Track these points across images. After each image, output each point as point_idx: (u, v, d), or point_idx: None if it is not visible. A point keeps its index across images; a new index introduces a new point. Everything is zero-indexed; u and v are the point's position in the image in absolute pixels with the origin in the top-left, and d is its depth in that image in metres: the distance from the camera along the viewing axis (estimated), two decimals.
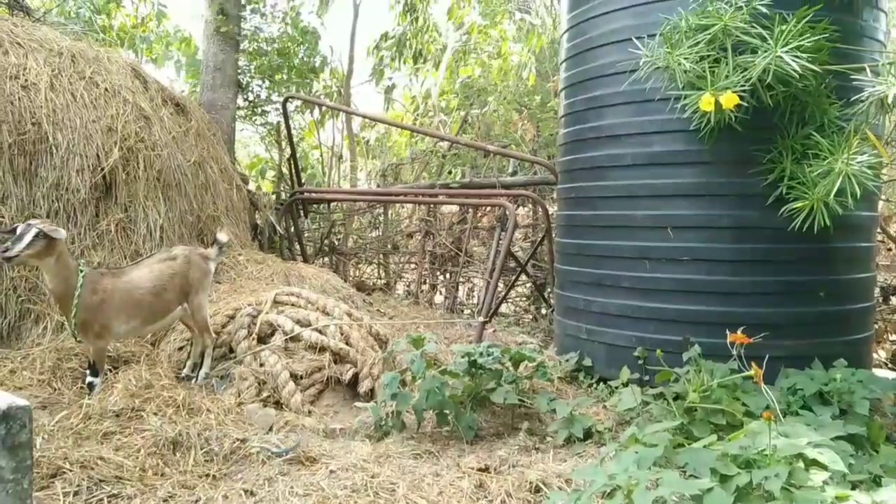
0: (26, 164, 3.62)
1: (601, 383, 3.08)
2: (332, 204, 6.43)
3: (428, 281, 5.94)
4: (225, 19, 5.61)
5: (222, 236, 3.24)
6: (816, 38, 2.36)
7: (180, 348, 3.31)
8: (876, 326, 3.79)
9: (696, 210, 2.90)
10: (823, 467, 1.60)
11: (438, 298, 5.91)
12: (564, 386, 3.19)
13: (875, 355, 3.95)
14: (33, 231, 2.50)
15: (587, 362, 3.21)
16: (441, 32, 8.53)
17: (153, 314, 2.91)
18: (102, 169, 3.80)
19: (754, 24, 2.49)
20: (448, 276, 5.92)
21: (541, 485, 2.08)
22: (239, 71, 6.11)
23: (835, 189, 2.42)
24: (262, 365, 2.98)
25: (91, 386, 2.76)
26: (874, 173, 2.51)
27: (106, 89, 4.07)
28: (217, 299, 3.72)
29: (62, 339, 3.32)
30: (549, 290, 5.04)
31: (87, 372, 2.80)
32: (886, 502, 1.47)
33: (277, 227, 5.65)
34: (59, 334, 3.39)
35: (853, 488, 1.69)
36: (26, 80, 3.77)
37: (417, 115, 8.39)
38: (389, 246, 6.37)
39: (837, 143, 2.53)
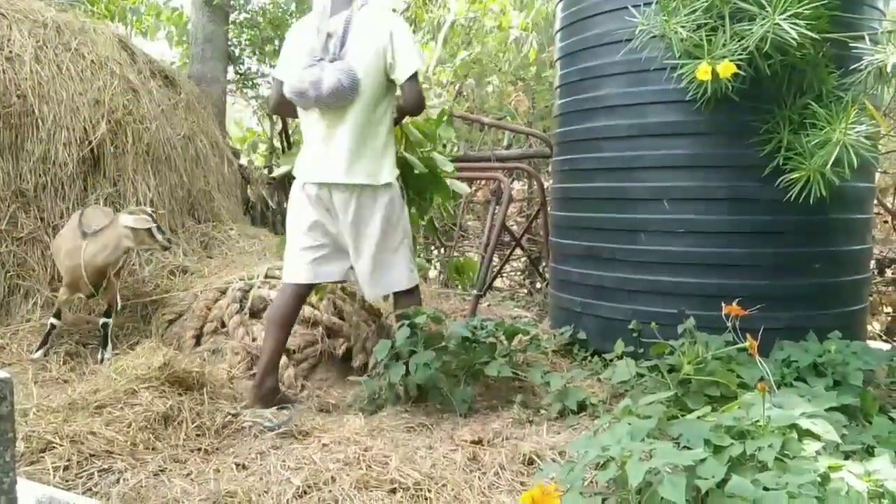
0: (12, 137, 3.57)
1: (596, 356, 3.08)
2: None
3: (422, 255, 5.92)
4: None
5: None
6: (815, 4, 2.31)
7: (171, 322, 3.29)
8: (871, 298, 3.80)
9: (692, 182, 2.87)
10: (817, 438, 1.60)
11: (433, 273, 5.90)
12: (559, 359, 3.18)
13: (869, 327, 3.96)
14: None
15: (582, 335, 3.21)
16: (435, 2, 8.40)
17: None
18: (90, 142, 3.75)
19: None
20: (443, 250, 5.90)
21: (534, 457, 2.07)
22: (230, 43, 6.01)
23: (832, 159, 2.39)
24: (254, 339, 2.97)
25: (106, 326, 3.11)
26: (872, 144, 2.49)
27: (92, 61, 4.00)
28: (209, 274, 3.70)
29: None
30: (543, 263, 5.03)
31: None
32: (879, 471, 1.46)
33: (269, 202, 5.61)
34: (50, 310, 3.36)
35: (846, 458, 1.69)
36: (10, 52, 3.69)
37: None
38: None
39: (835, 113, 2.49)
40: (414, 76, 2.48)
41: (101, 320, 3.10)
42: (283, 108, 2.68)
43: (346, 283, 3.34)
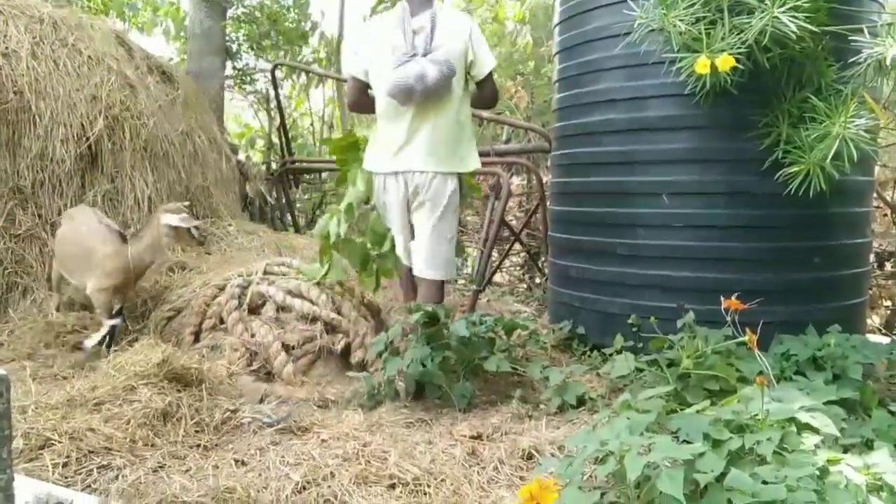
0: (9, 133, 3.56)
1: (595, 351, 3.07)
2: (324, 174, 6.37)
3: None
4: None
5: None
6: None
7: (169, 318, 3.28)
8: (870, 292, 3.79)
9: (691, 176, 2.87)
10: (816, 431, 1.59)
11: None
12: (558, 354, 3.18)
13: (869, 321, 3.96)
14: None
15: (581, 330, 3.20)
16: None
17: None
18: (87, 139, 3.74)
19: None
20: None
21: (533, 451, 2.07)
22: (227, 38, 5.99)
23: (831, 153, 2.38)
24: (253, 336, 2.96)
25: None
26: (871, 137, 2.48)
27: (89, 57, 3.99)
28: (207, 270, 3.70)
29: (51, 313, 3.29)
30: (542, 258, 5.03)
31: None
32: (878, 465, 1.46)
33: (268, 198, 5.61)
34: (47, 307, 3.36)
35: (845, 452, 1.69)
36: (7, 48, 3.68)
37: None
38: None
39: (835, 106, 2.48)
40: (490, 73, 2.69)
41: (113, 322, 3.08)
42: (363, 105, 2.80)
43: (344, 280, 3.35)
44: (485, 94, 2.78)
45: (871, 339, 2.62)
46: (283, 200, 5.86)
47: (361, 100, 2.76)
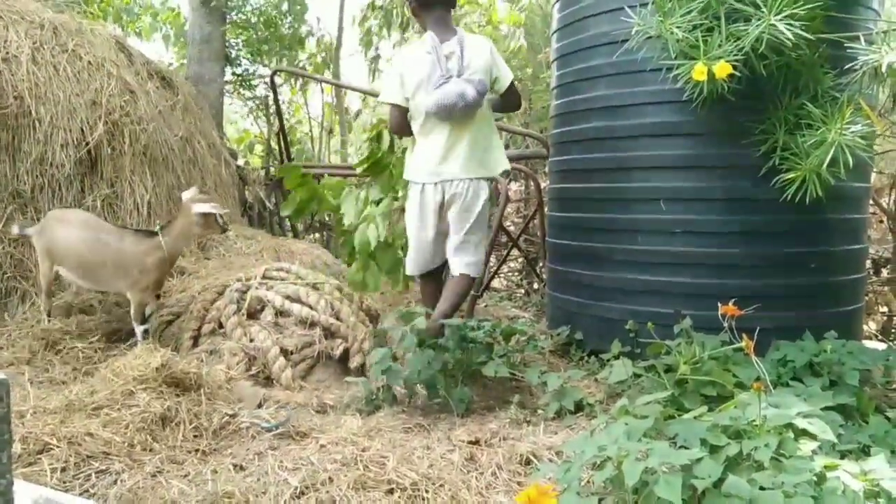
0: (9, 138, 3.57)
1: (592, 356, 3.08)
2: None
3: None
4: None
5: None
6: (810, 6, 2.31)
7: (168, 323, 3.28)
8: (866, 298, 3.81)
9: (688, 182, 2.88)
10: (813, 437, 1.60)
11: None
12: (556, 359, 3.19)
13: (865, 327, 3.97)
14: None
15: (579, 335, 3.21)
16: None
17: None
18: (87, 143, 3.75)
19: None
20: None
21: (531, 457, 2.08)
22: (226, 44, 6.01)
23: (827, 159, 2.40)
24: (251, 340, 2.97)
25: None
26: (868, 144, 2.49)
27: (89, 62, 4.00)
28: (206, 275, 3.70)
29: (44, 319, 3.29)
30: (540, 264, 5.03)
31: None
32: (875, 471, 1.47)
33: (267, 203, 5.61)
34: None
35: (842, 458, 1.70)
36: (7, 53, 3.69)
37: None
38: None
39: (831, 113, 2.50)
40: (512, 82, 3.04)
41: (146, 327, 3.13)
42: (405, 129, 3.05)
43: (343, 286, 3.36)
44: (511, 101, 3.12)
45: (867, 346, 2.63)
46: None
47: (404, 124, 3.02)
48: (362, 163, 3.52)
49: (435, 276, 3.15)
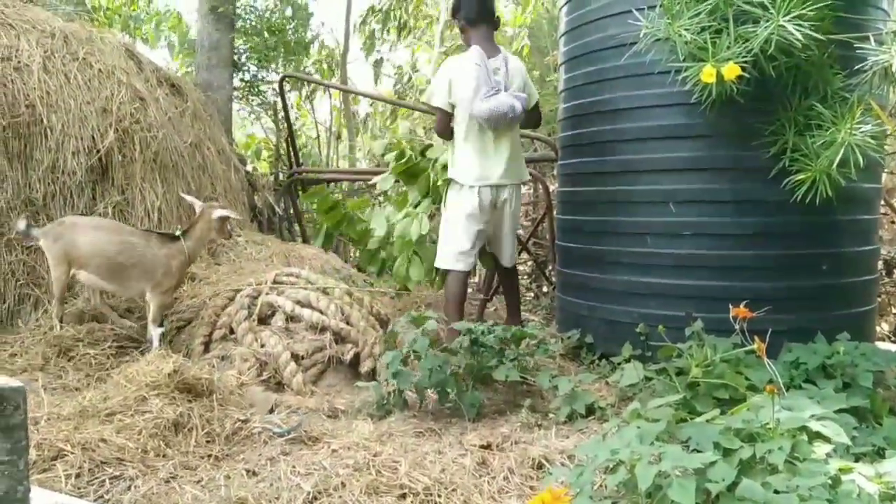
0: (21, 146, 3.59)
1: (603, 360, 3.07)
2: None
3: None
4: None
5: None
6: (819, 5, 2.31)
7: (179, 329, 3.30)
8: (879, 299, 3.78)
9: (697, 184, 2.87)
10: (827, 440, 1.59)
11: None
12: (566, 363, 3.18)
13: (878, 328, 3.94)
14: None
15: (589, 339, 3.20)
16: (428, 3, 8.46)
17: None
18: (98, 151, 3.77)
19: None
20: None
21: (543, 461, 2.08)
22: (234, 51, 6.04)
23: (837, 159, 2.38)
24: (262, 346, 2.98)
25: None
26: (878, 144, 2.48)
27: (100, 70, 4.02)
28: (217, 280, 3.72)
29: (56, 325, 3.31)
30: (550, 267, 5.03)
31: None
32: (890, 473, 1.46)
33: (276, 208, 5.63)
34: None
35: (857, 460, 1.69)
36: (18, 62, 3.72)
37: (402, 85, 8.35)
38: None
39: (840, 114, 2.49)
40: (537, 102, 3.39)
41: (162, 330, 3.19)
42: (448, 132, 3.33)
43: (353, 290, 3.37)
44: (534, 118, 3.44)
45: (880, 347, 2.61)
46: (291, 211, 5.89)
47: (448, 128, 3.30)
48: (396, 170, 3.79)
49: (470, 273, 3.46)
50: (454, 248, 3.28)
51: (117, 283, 3.21)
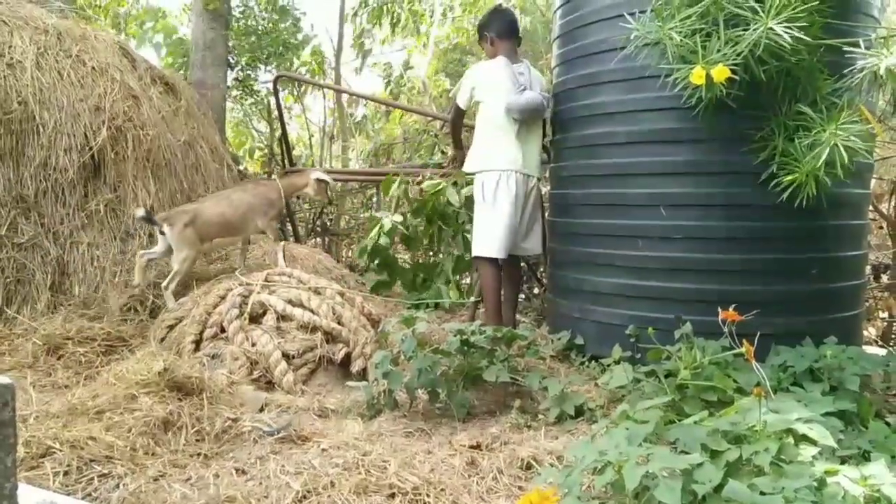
0: (13, 143, 3.58)
1: (593, 361, 3.08)
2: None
3: (420, 261, 5.92)
4: None
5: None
6: (807, 5, 2.32)
7: (170, 327, 3.29)
8: (867, 304, 3.81)
9: (688, 188, 2.89)
10: (813, 442, 1.61)
11: None
12: (556, 364, 3.19)
13: (865, 332, 3.97)
14: None
15: (579, 341, 3.21)
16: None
17: None
18: (91, 148, 3.76)
19: None
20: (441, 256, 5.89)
21: (532, 461, 2.08)
22: (229, 50, 6.02)
23: (822, 159, 2.40)
24: (253, 345, 2.97)
25: None
26: (866, 147, 2.49)
27: (93, 68, 4.01)
28: (208, 279, 3.71)
29: (57, 320, 3.30)
30: (541, 269, 5.04)
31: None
32: (875, 476, 1.47)
33: None
34: (52, 316, 3.37)
35: (842, 463, 1.70)
36: (11, 59, 3.71)
37: (394, 85, 8.35)
38: None
39: (829, 117, 2.50)
40: None
41: (284, 242, 4.03)
42: (458, 126, 3.89)
43: (344, 290, 3.36)
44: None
45: (867, 351, 2.64)
46: (284, 210, 5.87)
47: (459, 123, 3.83)
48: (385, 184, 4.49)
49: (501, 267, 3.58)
50: (493, 234, 3.44)
51: (241, 233, 3.83)
